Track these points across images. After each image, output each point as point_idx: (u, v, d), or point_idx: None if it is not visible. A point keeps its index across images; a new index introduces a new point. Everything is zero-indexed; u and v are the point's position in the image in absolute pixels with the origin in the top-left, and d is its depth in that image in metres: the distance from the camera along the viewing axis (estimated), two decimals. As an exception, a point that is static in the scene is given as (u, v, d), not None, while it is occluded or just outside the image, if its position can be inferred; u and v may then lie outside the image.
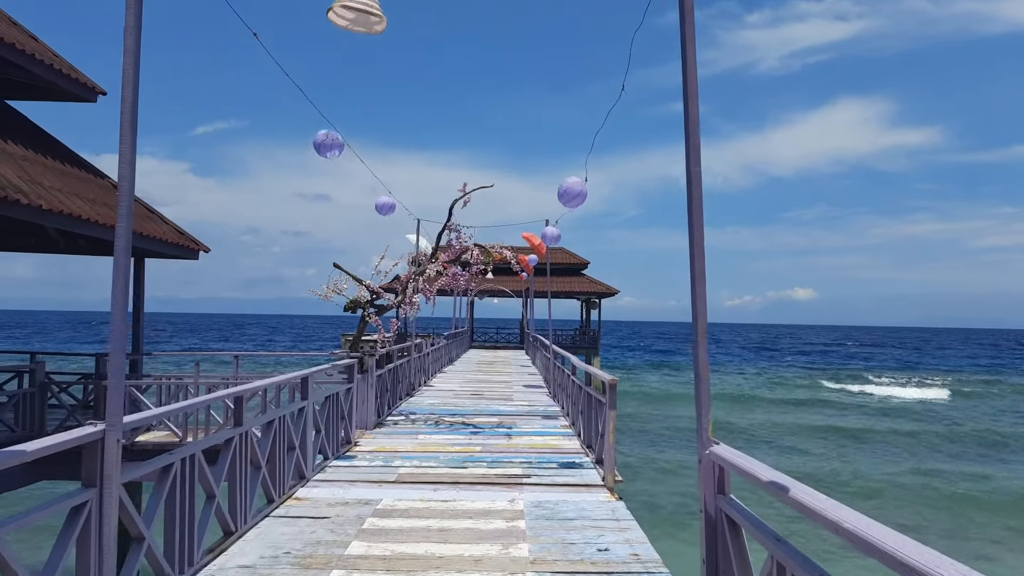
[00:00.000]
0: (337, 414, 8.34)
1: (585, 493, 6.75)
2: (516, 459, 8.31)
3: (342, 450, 8.55)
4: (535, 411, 12.78)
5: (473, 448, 8.97)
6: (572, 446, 9.23)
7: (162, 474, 4.29)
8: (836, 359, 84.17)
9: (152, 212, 11.93)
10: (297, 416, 7.01)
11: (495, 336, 43.97)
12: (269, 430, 6.09)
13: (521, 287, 36.63)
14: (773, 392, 46.91)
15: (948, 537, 15.26)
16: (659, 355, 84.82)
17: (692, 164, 3.80)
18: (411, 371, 14.92)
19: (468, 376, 20.24)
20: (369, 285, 10.63)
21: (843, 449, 26.63)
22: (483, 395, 15.32)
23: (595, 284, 39.94)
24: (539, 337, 24.43)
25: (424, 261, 11.19)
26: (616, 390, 7.13)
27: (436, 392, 15.75)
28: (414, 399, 14.34)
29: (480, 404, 13.68)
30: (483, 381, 18.74)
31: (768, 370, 65.37)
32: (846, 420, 34.19)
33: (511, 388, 17.04)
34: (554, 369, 14.72)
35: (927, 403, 42.35)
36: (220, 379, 10.65)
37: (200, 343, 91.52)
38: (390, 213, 11.29)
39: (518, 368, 24.09)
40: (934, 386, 51.83)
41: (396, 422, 11.17)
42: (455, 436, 9.94)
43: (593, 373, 8.06)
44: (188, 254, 12.37)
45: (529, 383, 18.37)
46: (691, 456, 21.13)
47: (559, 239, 11.47)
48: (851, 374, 61.71)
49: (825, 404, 41.26)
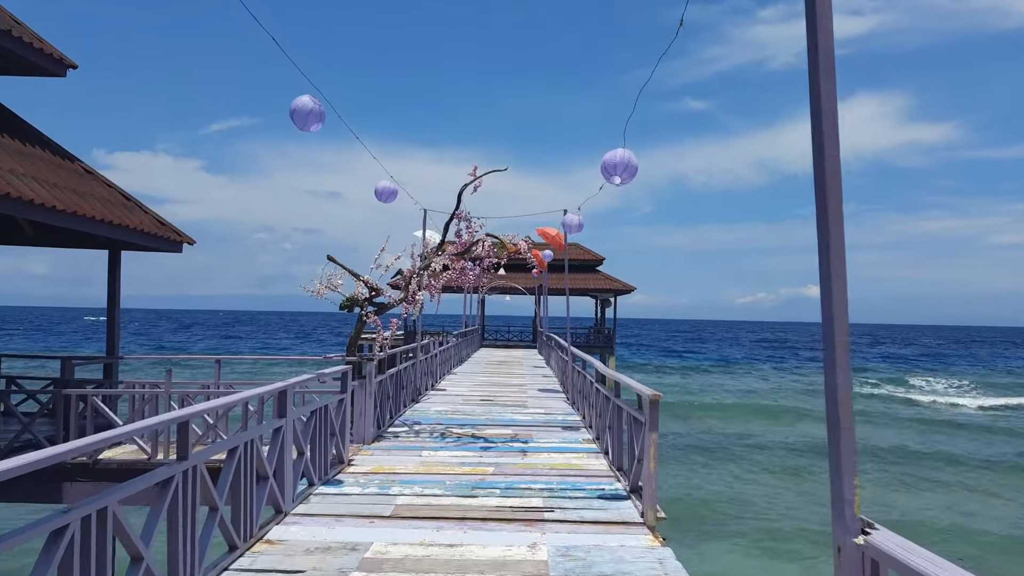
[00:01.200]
0: (326, 430, 7.13)
1: (622, 534, 5.49)
2: (535, 484, 7.07)
3: (332, 472, 7.34)
4: (553, 421, 11.53)
5: (484, 469, 7.74)
6: (599, 467, 7.98)
7: (54, 538, 3.08)
8: (874, 360, 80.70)
9: (129, 200, 10.78)
10: (273, 437, 5.81)
11: (507, 335, 42.74)
12: (232, 459, 4.89)
13: (534, 284, 35.39)
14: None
15: None
16: (675, 356, 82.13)
17: (829, 147, 2.56)
18: (417, 374, 13.72)
19: (479, 379, 19.02)
20: (367, 281, 9.43)
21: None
22: (495, 400, 14.09)
23: (611, 281, 38.62)
24: (554, 336, 23.18)
25: (430, 254, 9.98)
26: (659, 407, 5.87)
27: (444, 397, 14.53)
28: (420, 405, 13.13)
29: (492, 412, 12.44)
30: (495, 384, 17.52)
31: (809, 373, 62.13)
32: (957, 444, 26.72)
33: (525, 392, 15.81)
34: (572, 373, 13.47)
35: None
36: (200, 387, 9.48)
37: (183, 343, 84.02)
38: (391, 200, 10.09)
39: (531, 369, 22.85)
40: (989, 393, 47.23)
41: (398, 434, 9.96)
42: (464, 452, 8.71)
43: (628, 385, 6.80)
44: (170, 246, 11.21)
45: (544, 387, 17.13)
46: (743, 485, 19.00)
47: (582, 228, 10.19)
48: (900, 377, 57.71)
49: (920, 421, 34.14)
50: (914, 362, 78.21)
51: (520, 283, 36.71)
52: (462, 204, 9.90)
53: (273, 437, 5.80)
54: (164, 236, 10.80)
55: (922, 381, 54.40)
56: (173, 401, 8.96)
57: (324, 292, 9.24)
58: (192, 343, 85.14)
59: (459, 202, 9.92)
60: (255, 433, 5.28)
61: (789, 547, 13.93)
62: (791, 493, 18.23)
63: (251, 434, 5.19)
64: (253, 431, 5.28)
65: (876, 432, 28.83)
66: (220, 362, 9.69)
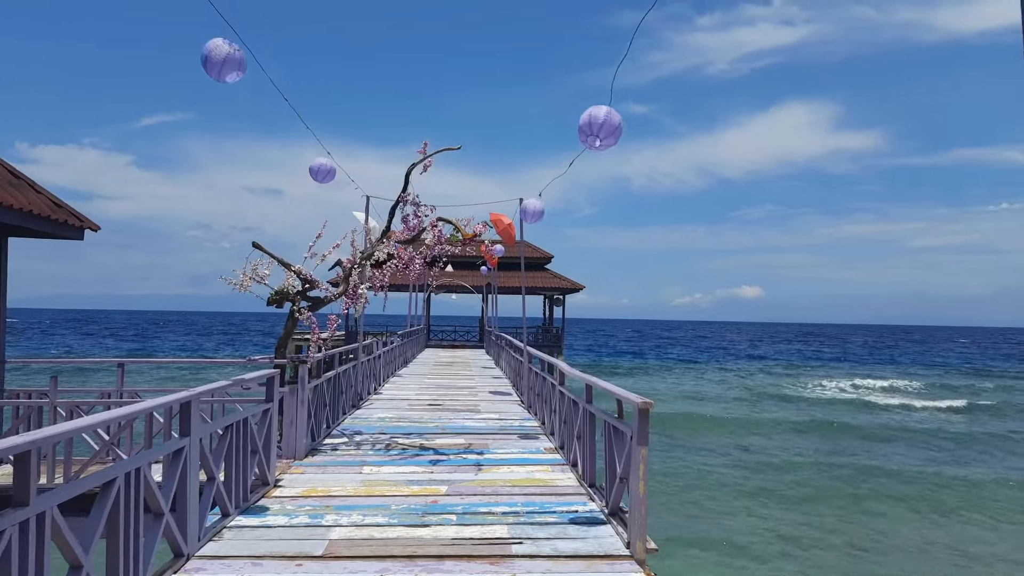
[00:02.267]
0: (245, 447, 5.93)
1: (609, 573, 4.52)
2: (496, 507, 6.03)
3: (253, 498, 6.14)
4: (509, 427, 10.52)
5: (436, 489, 6.66)
6: (567, 482, 7.00)
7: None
8: (803, 359, 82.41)
9: (19, 178, 9.26)
10: (172, 461, 4.61)
11: (453, 335, 41.57)
12: (109, 495, 3.69)
13: (482, 282, 34.34)
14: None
15: None
16: (626, 356, 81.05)
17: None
18: (358, 378, 12.50)
19: (426, 381, 17.86)
20: (299, 271, 8.21)
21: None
22: (444, 405, 12.99)
23: (560, 279, 37.89)
24: (505, 336, 22.20)
25: (373, 243, 8.84)
26: (649, 418, 4.91)
27: (388, 402, 13.34)
28: (362, 411, 11.93)
29: (442, 417, 11.35)
30: (443, 387, 16.40)
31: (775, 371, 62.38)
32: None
33: (476, 395, 14.76)
34: (529, 375, 12.50)
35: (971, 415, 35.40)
36: (98, 396, 8.09)
37: (96, 346, 74.85)
38: (328, 179, 8.88)
39: (480, 370, 21.80)
40: (934, 393, 47.82)
41: (336, 446, 8.77)
42: (412, 467, 7.61)
43: (608, 390, 5.82)
44: (69, 232, 9.71)
45: (496, 388, 16.11)
46: (740, 519, 15.73)
47: (542, 216, 9.15)
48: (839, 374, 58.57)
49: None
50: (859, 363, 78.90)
51: (467, 281, 35.62)
52: (410, 186, 8.79)
53: (172, 461, 4.61)
54: (61, 220, 9.31)
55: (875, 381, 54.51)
56: (75, 412, 7.56)
57: (248, 285, 7.99)
58: (115, 345, 79.24)
59: (407, 183, 8.79)
60: (144, 459, 4.09)
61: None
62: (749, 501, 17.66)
63: (137, 461, 3.99)
64: (140, 457, 4.09)
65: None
66: (123, 366, 8.29)
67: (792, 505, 16.85)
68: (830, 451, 24.43)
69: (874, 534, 14.67)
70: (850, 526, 15.16)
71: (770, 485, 18.84)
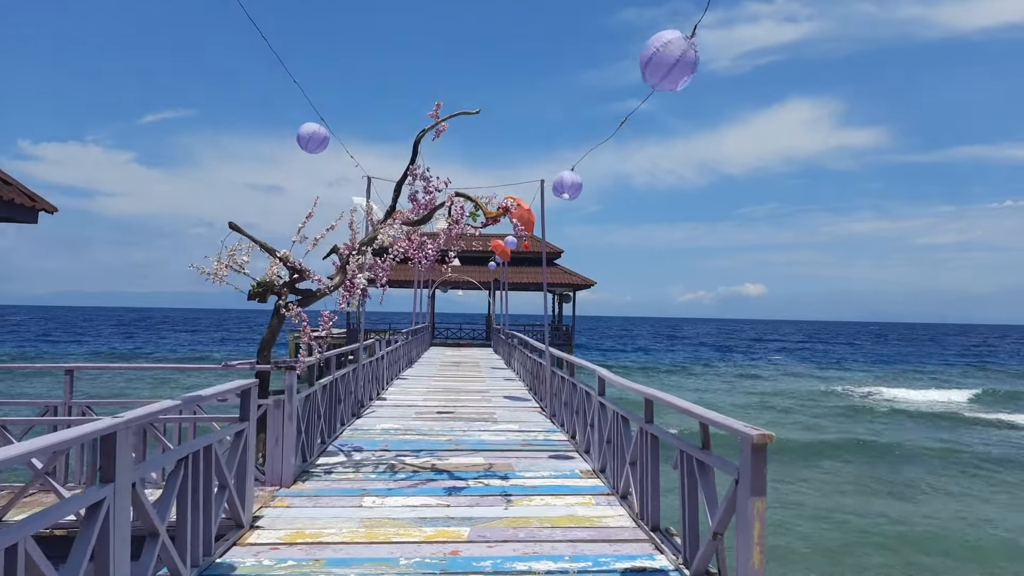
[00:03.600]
0: (208, 484, 4.51)
1: None
2: (538, 562, 4.60)
3: (221, 547, 4.72)
4: (534, 442, 9.10)
5: (457, 533, 5.23)
6: (619, 521, 5.56)
7: None
8: (819, 356, 79.31)
9: (-41, 149, 7.88)
10: (87, 520, 3.20)
11: (458, 333, 40.13)
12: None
13: (490, 278, 32.92)
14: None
15: None
16: (641, 354, 76.70)
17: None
18: (359, 383, 11.08)
19: (433, 383, 16.44)
20: (286, 257, 6.78)
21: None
22: (456, 413, 11.57)
23: (570, 275, 36.43)
24: (517, 335, 20.79)
25: (375, 225, 7.42)
26: (766, 456, 3.47)
27: (393, 409, 11.92)
28: (363, 421, 10.52)
29: (454, 429, 9.93)
30: (453, 391, 14.98)
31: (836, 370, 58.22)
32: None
33: (490, 401, 13.33)
34: (553, 380, 11.08)
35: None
36: (42, 411, 6.68)
37: (53, 349, 66.35)
38: (320, 149, 7.42)
39: (490, 370, 20.37)
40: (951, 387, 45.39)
41: (332, 467, 7.36)
42: (424, 498, 6.19)
43: (690, 412, 4.33)
44: (21, 215, 8.30)
45: (511, 393, 14.68)
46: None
47: (579, 192, 7.67)
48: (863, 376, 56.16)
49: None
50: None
51: (474, 277, 34.20)
52: (420, 158, 7.34)
53: (87, 519, 3.20)
54: (8, 199, 7.89)
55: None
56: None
57: (224, 274, 6.56)
58: (98, 344, 76.08)
59: (415, 154, 7.35)
60: (30, 528, 2.67)
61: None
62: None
63: (16, 533, 2.58)
64: (25, 526, 2.68)
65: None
66: (73, 373, 6.85)
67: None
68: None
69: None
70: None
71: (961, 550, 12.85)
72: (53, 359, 52.49)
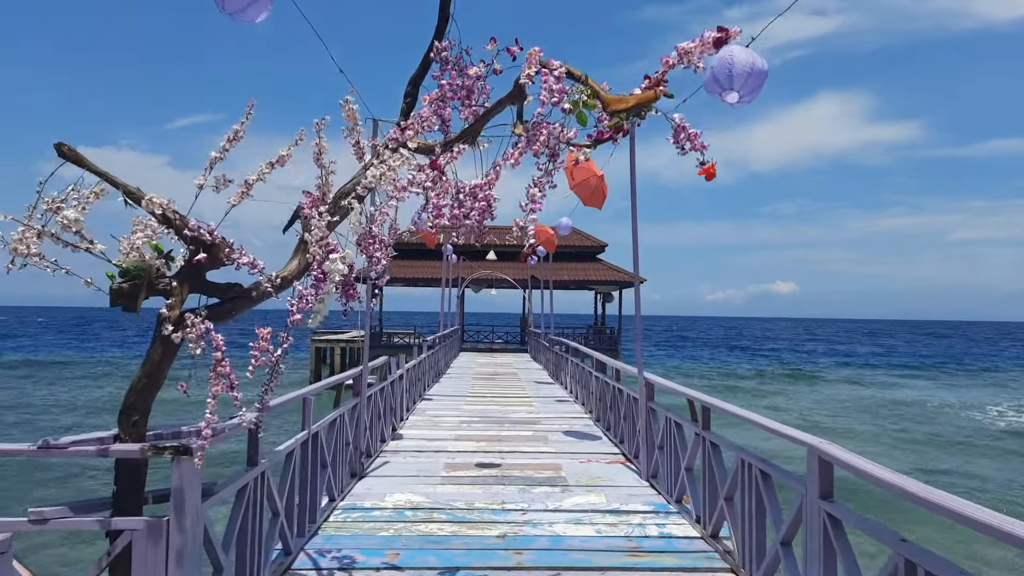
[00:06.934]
0: None
1: None
2: None
3: None
4: (644, 540, 5.38)
5: None
6: None
7: None
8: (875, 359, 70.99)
9: None
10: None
11: (490, 336, 36.52)
12: None
13: (525, 274, 29.27)
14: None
15: None
16: (706, 359, 65.55)
17: None
18: (359, 431, 7.43)
19: (465, 408, 12.79)
20: (165, 207, 3.17)
21: None
22: (504, 465, 7.91)
23: (614, 271, 32.65)
24: (563, 341, 17.14)
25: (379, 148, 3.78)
26: None
27: (413, 459, 8.28)
28: (366, 485, 6.92)
29: (506, 505, 6.26)
30: (493, 419, 11.33)
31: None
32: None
33: (547, 441, 9.63)
34: (646, 415, 7.34)
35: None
36: None
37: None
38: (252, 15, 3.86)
39: (533, 386, 16.70)
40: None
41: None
42: None
43: None
44: None
45: (570, 424, 10.95)
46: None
47: (763, 80, 4.41)
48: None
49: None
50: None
51: (508, 274, 30.63)
52: (453, 22, 3.69)
53: None
54: None
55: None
56: None
57: (33, 245, 3.00)
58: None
59: (447, 17, 3.70)
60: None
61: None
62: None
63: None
64: None
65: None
66: None
67: None
68: None
69: None
70: None
71: None
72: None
